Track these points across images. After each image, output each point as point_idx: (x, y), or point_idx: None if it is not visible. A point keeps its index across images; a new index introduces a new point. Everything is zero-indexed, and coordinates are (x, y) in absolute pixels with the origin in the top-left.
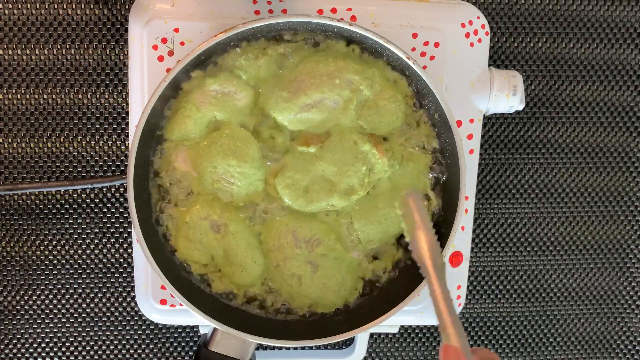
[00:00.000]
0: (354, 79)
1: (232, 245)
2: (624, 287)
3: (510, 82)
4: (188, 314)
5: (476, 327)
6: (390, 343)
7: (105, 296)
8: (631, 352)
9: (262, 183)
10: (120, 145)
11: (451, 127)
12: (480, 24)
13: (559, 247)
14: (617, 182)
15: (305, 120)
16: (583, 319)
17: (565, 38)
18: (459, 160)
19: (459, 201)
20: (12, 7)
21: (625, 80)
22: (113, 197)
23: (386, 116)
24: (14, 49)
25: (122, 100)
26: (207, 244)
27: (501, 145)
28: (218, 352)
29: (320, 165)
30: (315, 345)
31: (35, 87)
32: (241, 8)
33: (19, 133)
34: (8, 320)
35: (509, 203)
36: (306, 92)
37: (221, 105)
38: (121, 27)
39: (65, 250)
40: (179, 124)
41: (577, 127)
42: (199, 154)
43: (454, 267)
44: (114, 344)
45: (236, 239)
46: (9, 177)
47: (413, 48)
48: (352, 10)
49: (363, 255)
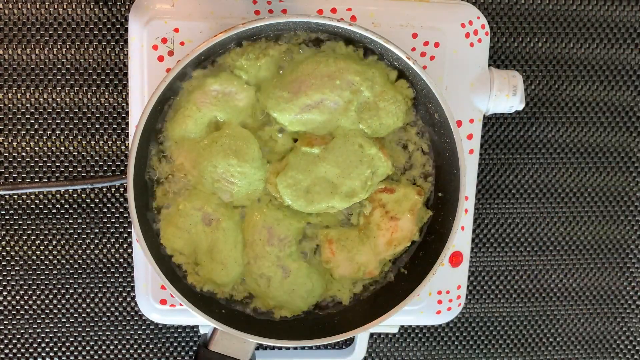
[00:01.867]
0: (355, 80)
1: (220, 241)
2: (624, 287)
3: (510, 82)
4: (188, 314)
5: (476, 327)
6: (390, 343)
7: (105, 296)
8: (631, 352)
9: (262, 183)
10: (120, 145)
11: (451, 127)
12: (480, 24)
13: (559, 247)
14: (617, 182)
15: (306, 121)
16: (583, 319)
17: (565, 38)
18: (459, 160)
19: (459, 201)
20: (12, 7)
21: (625, 80)
22: (113, 197)
23: (387, 118)
24: (14, 49)
25: (122, 100)
26: (195, 234)
27: (501, 145)
28: (218, 352)
29: (323, 167)
30: (315, 345)
31: (35, 87)
32: (241, 8)
33: (19, 133)
34: (8, 320)
35: (509, 203)
36: (306, 93)
37: (222, 105)
38: (121, 27)
39: (65, 250)
40: (179, 123)
41: (577, 127)
42: (200, 153)
43: (454, 267)
44: (114, 344)
45: (226, 235)
46: (9, 177)
47: (413, 48)
48: (352, 10)
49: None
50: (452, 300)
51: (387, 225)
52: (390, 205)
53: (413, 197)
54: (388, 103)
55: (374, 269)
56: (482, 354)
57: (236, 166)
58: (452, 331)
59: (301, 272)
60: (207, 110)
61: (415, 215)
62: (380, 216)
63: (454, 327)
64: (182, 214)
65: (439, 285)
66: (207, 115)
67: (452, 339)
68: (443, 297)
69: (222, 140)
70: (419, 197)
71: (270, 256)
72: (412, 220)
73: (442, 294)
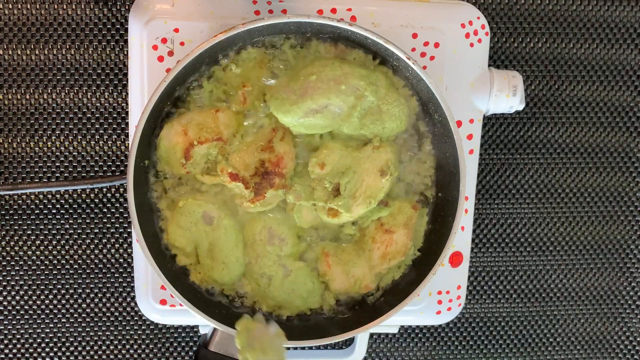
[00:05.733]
0: (360, 85)
1: (221, 240)
2: (624, 287)
3: (510, 82)
4: (188, 314)
5: (476, 327)
6: (390, 343)
7: (105, 296)
8: (631, 352)
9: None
10: (120, 145)
11: (451, 127)
12: (480, 24)
13: (559, 247)
14: (617, 182)
15: (309, 125)
16: (583, 319)
17: (565, 38)
18: (459, 160)
19: (459, 201)
20: (12, 7)
21: (625, 80)
22: (113, 197)
23: (390, 122)
24: (14, 49)
25: (122, 100)
26: (196, 233)
27: (501, 146)
28: (218, 352)
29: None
30: (315, 345)
31: (35, 87)
32: (241, 8)
33: (19, 133)
34: (8, 320)
35: (509, 203)
36: (312, 97)
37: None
38: (121, 27)
39: (65, 250)
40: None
41: (577, 127)
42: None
43: (454, 267)
44: (114, 344)
45: (227, 234)
46: (9, 177)
47: (413, 48)
48: (352, 11)
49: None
50: (452, 300)
51: (381, 238)
52: (385, 219)
53: (408, 211)
54: (392, 106)
55: (370, 283)
56: (482, 354)
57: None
58: (452, 331)
59: (302, 272)
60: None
61: (410, 229)
62: (375, 228)
63: (454, 327)
64: (183, 212)
65: (439, 286)
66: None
67: (452, 339)
68: (443, 297)
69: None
70: (414, 212)
71: (272, 255)
72: (407, 235)
73: (442, 294)
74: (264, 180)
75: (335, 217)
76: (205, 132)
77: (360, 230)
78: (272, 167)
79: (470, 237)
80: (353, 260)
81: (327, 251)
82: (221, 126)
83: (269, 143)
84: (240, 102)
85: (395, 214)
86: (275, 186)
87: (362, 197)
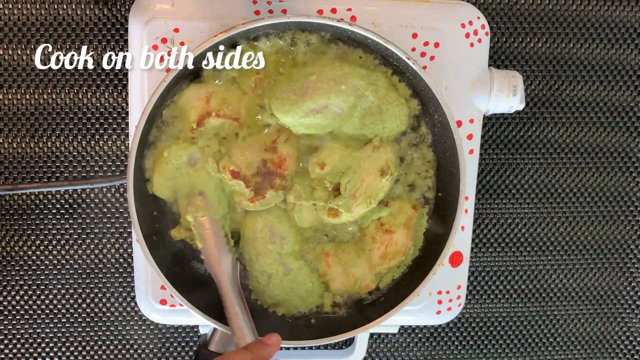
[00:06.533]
0: (360, 85)
1: (204, 180)
2: (624, 287)
3: (510, 82)
4: (188, 314)
5: (476, 327)
6: (390, 343)
7: (105, 296)
8: (631, 352)
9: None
10: (120, 145)
11: (451, 127)
12: (480, 24)
13: (559, 247)
14: (617, 182)
15: (309, 125)
16: (583, 319)
17: (565, 38)
18: (459, 160)
19: (459, 201)
20: (12, 7)
21: (625, 80)
22: (113, 197)
23: (390, 121)
24: (14, 49)
25: (122, 100)
26: (179, 180)
27: (501, 145)
28: (218, 352)
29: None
30: (315, 345)
31: (35, 87)
32: (241, 8)
33: (19, 133)
34: (8, 320)
35: (509, 203)
36: (312, 97)
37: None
38: (121, 27)
39: (65, 250)
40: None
41: (577, 127)
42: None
43: (454, 267)
44: (114, 344)
45: (210, 175)
46: (9, 177)
47: (413, 48)
48: (352, 11)
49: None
50: (452, 300)
51: (381, 238)
52: (385, 218)
53: (408, 211)
54: (392, 106)
55: (370, 282)
56: (482, 354)
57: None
58: (452, 331)
59: (302, 272)
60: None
61: (410, 229)
62: (375, 228)
63: (454, 327)
64: (169, 160)
65: (439, 285)
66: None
67: (452, 339)
68: (443, 297)
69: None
70: (414, 212)
71: (272, 253)
72: (407, 235)
73: (442, 294)
74: (264, 180)
75: (335, 217)
76: (226, 108)
77: (360, 230)
78: (274, 167)
79: (470, 237)
80: (353, 260)
81: (327, 251)
82: (242, 108)
83: (273, 143)
84: (251, 88)
85: (395, 213)
86: (275, 187)
87: (362, 197)
